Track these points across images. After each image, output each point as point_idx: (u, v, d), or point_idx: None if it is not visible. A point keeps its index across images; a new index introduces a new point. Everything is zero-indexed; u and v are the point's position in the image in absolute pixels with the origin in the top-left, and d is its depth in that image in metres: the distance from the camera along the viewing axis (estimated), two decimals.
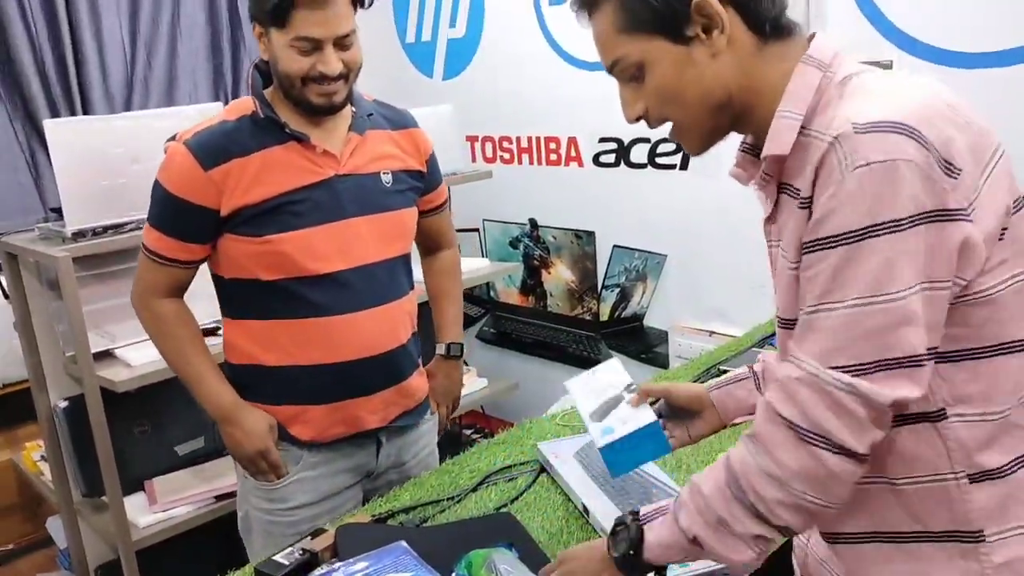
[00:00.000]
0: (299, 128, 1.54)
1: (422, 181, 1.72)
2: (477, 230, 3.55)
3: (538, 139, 3.25)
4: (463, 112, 3.17)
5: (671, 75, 0.94)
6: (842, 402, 0.82)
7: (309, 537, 1.42)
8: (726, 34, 0.91)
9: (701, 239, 2.82)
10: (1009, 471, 0.89)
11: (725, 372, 1.97)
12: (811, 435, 0.84)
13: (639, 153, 2.95)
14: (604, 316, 3.23)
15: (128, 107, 3.34)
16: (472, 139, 3.45)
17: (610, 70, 0.99)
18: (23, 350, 2.32)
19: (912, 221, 0.80)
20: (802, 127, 0.90)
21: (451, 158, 2.89)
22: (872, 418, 0.83)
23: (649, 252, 3.01)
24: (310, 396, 1.59)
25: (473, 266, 3.02)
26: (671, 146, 2.85)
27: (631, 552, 1.00)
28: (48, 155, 3.01)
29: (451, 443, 3.06)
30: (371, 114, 1.64)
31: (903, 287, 0.80)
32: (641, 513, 1.03)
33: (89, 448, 2.09)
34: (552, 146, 3.21)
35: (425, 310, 1.87)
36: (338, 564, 1.32)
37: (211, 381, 1.60)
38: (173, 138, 1.57)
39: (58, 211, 2.22)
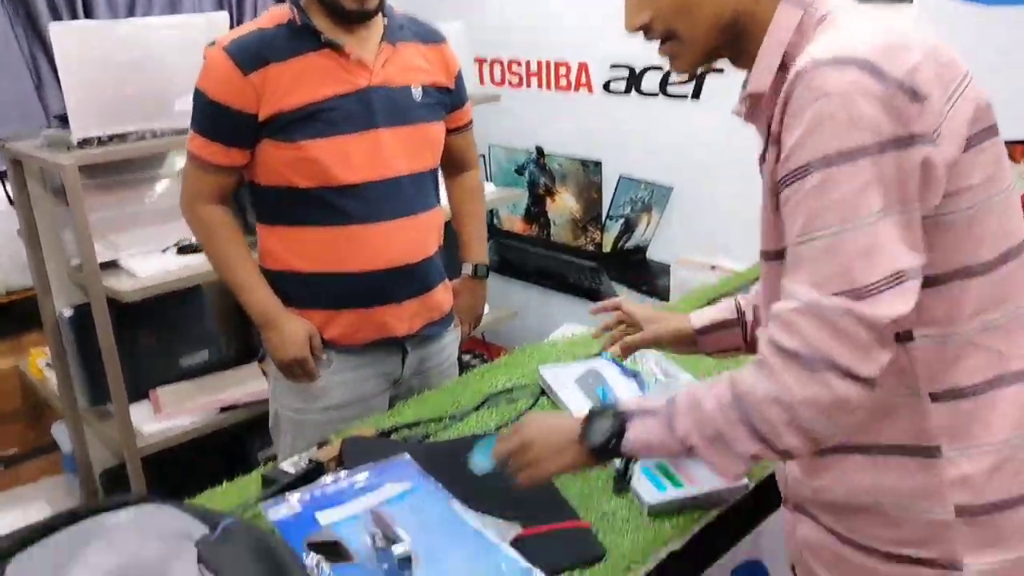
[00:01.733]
0: (334, 36, 1.58)
1: (449, 98, 1.76)
2: (483, 155, 3.52)
3: (548, 63, 3.20)
4: (473, 32, 3.11)
5: None
6: (842, 327, 0.84)
7: (315, 447, 1.45)
8: None
9: (708, 172, 2.80)
10: (975, 392, 0.93)
11: None
12: (818, 362, 0.85)
13: (651, 81, 2.90)
14: (607, 247, 3.23)
15: (131, 13, 3.27)
16: (481, 61, 3.39)
17: None
18: (28, 257, 2.33)
19: (877, 148, 0.83)
20: (782, 64, 0.93)
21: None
22: (875, 340, 0.85)
23: (655, 184, 2.99)
24: (341, 302, 1.67)
25: None
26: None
27: (609, 444, 1.02)
28: (50, 61, 2.99)
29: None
30: (402, 26, 1.67)
31: (877, 209, 0.83)
32: (623, 408, 1.04)
33: (95, 357, 2.11)
34: (562, 71, 3.16)
35: (447, 231, 1.90)
36: (343, 473, 1.35)
37: (256, 287, 1.68)
38: (212, 44, 1.59)
39: (62, 118, 2.20)
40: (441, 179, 1.88)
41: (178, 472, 2.05)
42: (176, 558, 1.07)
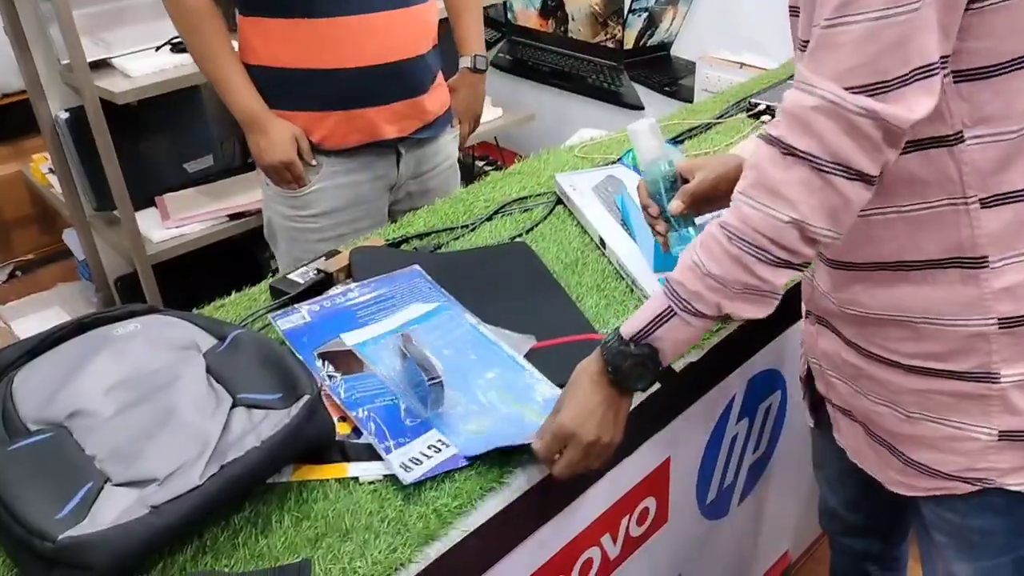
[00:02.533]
0: None
1: None
2: None
3: None
4: None
5: None
6: (860, 127, 0.77)
7: (324, 257, 1.41)
8: None
9: None
10: None
11: (756, 105, 1.87)
12: (830, 165, 0.79)
13: None
14: (628, 44, 3.04)
15: None
16: None
17: None
18: (16, 57, 2.20)
19: None
20: None
21: None
22: (887, 140, 0.79)
23: None
24: (326, 103, 1.59)
25: None
26: None
27: (655, 374, 0.95)
28: None
29: (464, 174, 3.02)
30: None
31: None
32: (631, 333, 0.94)
33: (95, 161, 2.04)
34: None
35: (444, 27, 1.77)
36: (353, 285, 1.32)
37: (239, 84, 1.59)
38: None
39: None
40: None
41: (190, 281, 2.04)
42: (184, 368, 1.05)
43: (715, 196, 1.14)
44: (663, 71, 2.98)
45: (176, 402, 1.00)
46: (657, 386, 1.08)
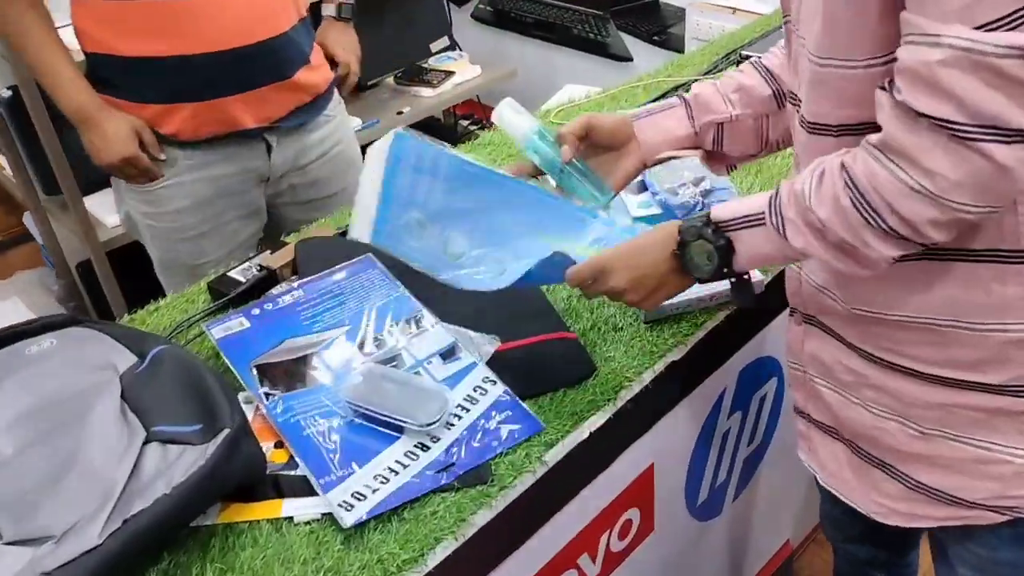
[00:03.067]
0: None
1: None
2: None
3: None
4: None
5: None
6: (1009, 73, 0.61)
7: (269, 252, 1.28)
8: None
9: None
10: None
11: (747, 58, 1.71)
12: (976, 130, 0.64)
13: None
14: None
15: None
16: None
17: None
18: None
19: None
20: None
21: None
22: None
23: None
24: (175, 93, 1.40)
25: None
26: None
27: (721, 270, 0.86)
28: None
29: (447, 137, 2.86)
30: None
31: None
32: (716, 218, 0.85)
33: (37, 143, 1.90)
34: None
35: None
36: (298, 282, 1.19)
37: (65, 78, 1.40)
38: None
39: None
40: None
41: (151, 267, 1.91)
42: (98, 394, 0.93)
43: (613, 144, 1.05)
44: (652, 19, 2.80)
45: (82, 440, 0.88)
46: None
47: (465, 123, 3.34)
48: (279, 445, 0.96)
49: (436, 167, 1.03)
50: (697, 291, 1.10)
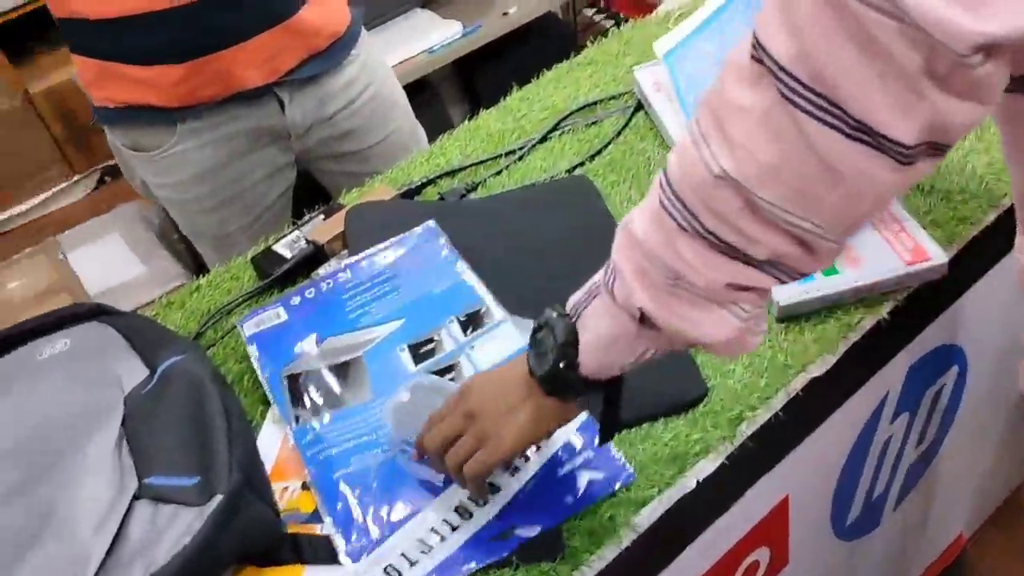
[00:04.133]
0: None
1: None
2: None
3: None
4: None
5: None
6: (877, 35, 0.43)
7: (322, 216, 1.08)
8: None
9: None
10: None
11: None
12: (805, 91, 0.46)
13: None
14: None
15: None
16: None
17: None
18: None
19: None
20: None
21: None
22: (938, 75, 0.43)
23: None
24: (159, 53, 1.13)
25: None
26: None
27: (560, 365, 0.62)
28: None
29: (566, 38, 2.54)
30: None
31: None
32: (570, 305, 0.65)
33: None
34: None
35: None
36: (348, 260, 0.99)
37: None
38: None
39: None
40: None
41: None
42: (97, 424, 0.79)
43: None
44: None
45: (66, 488, 0.73)
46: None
47: (590, 13, 3.00)
48: (307, 486, 0.78)
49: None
50: (850, 279, 0.82)
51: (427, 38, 2.18)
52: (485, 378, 0.71)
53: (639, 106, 1.16)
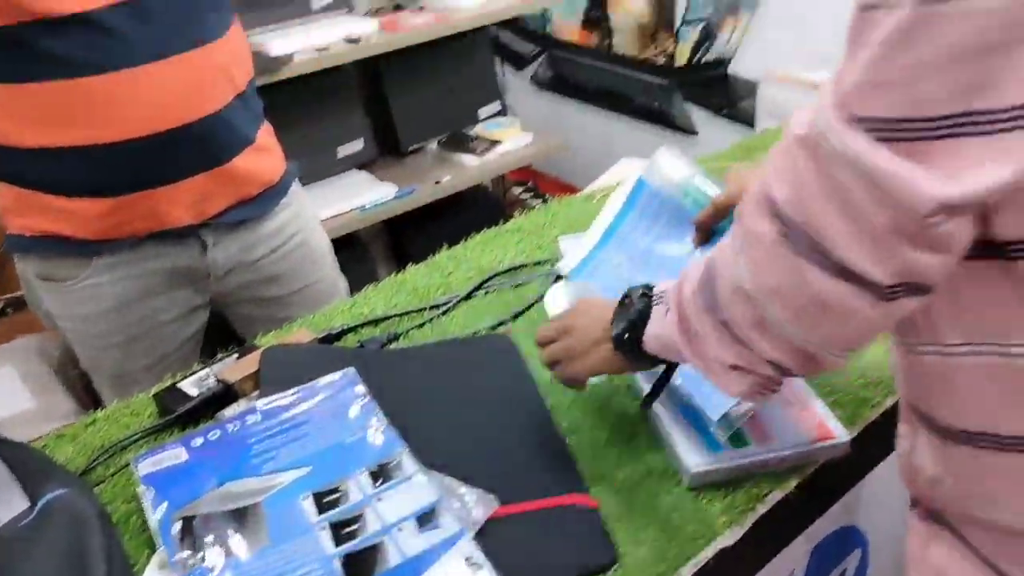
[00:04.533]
0: None
1: None
2: None
3: None
4: None
5: None
6: (852, 193, 0.50)
7: (235, 356, 1.06)
8: None
9: None
10: None
11: None
12: (800, 234, 0.54)
13: None
14: (681, 60, 2.64)
15: None
16: None
17: None
18: None
19: None
20: None
21: None
22: (907, 232, 0.49)
23: None
24: (90, 186, 1.13)
25: None
26: None
27: (628, 334, 0.77)
28: None
29: (493, 211, 2.64)
30: None
31: None
32: (656, 289, 0.77)
33: None
34: None
35: None
36: (259, 401, 0.96)
37: None
38: None
39: None
40: None
41: None
42: None
43: None
44: (721, 91, 2.57)
45: None
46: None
47: (518, 191, 3.15)
48: None
49: (658, 215, 1.04)
50: (759, 451, 0.84)
51: (361, 196, 2.25)
52: (588, 305, 0.86)
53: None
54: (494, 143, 2.46)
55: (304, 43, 1.98)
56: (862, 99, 0.48)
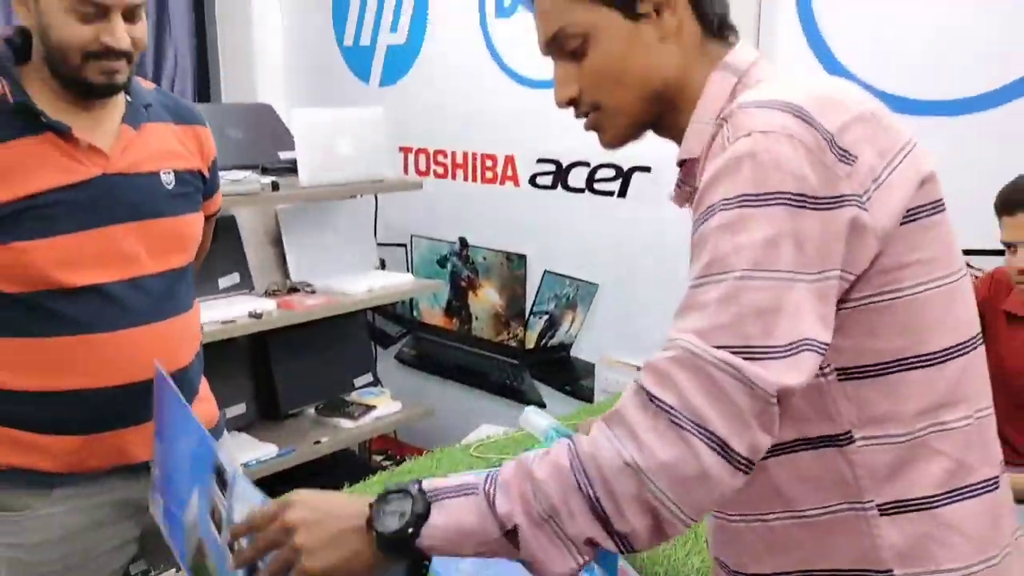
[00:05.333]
0: (59, 116, 1.27)
1: (204, 185, 1.49)
2: (404, 245, 3.40)
3: (474, 155, 3.12)
4: (398, 122, 3.05)
5: (617, 51, 0.87)
6: (724, 387, 0.71)
7: None
8: (676, 17, 0.87)
9: (636, 269, 2.72)
10: (932, 504, 0.81)
11: None
12: (689, 422, 0.71)
13: (577, 177, 2.84)
14: (530, 344, 3.10)
15: None
16: (406, 150, 3.31)
17: (551, 42, 0.90)
18: None
19: (798, 199, 0.74)
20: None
21: (377, 163, 2.76)
22: (756, 412, 0.71)
23: (581, 280, 2.90)
24: (66, 425, 1.32)
25: (397, 281, 2.86)
26: (610, 172, 2.76)
27: (408, 531, 0.76)
28: None
29: (358, 471, 2.87)
30: (149, 105, 1.40)
31: (792, 267, 0.74)
32: (427, 486, 0.78)
33: None
34: (488, 163, 3.09)
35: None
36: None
37: None
38: None
39: None
40: None
41: None
42: None
43: None
44: (564, 371, 3.02)
45: None
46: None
47: (379, 458, 3.38)
48: None
49: None
50: None
51: (241, 456, 2.42)
52: (311, 499, 0.81)
53: None
54: (369, 408, 2.75)
55: (212, 316, 2.27)
56: (714, 335, 0.72)
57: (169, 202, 1.38)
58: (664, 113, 0.90)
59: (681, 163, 0.90)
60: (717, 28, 0.89)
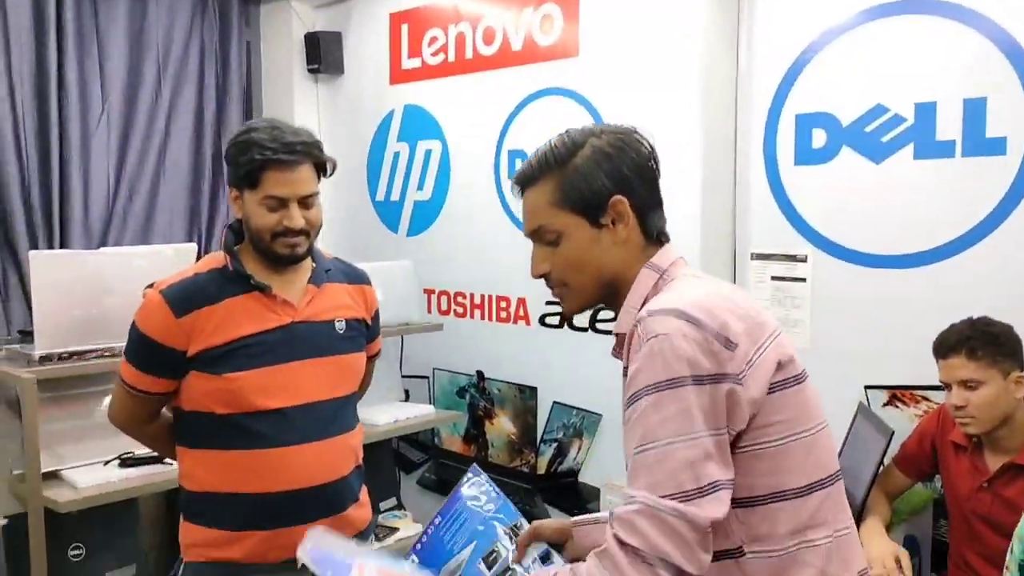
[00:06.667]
0: (263, 279, 1.71)
1: (368, 331, 1.90)
2: (427, 378, 3.70)
3: (490, 297, 3.46)
4: (423, 266, 3.41)
5: (582, 248, 1.18)
6: (674, 526, 0.98)
7: None
8: (627, 229, 1.18)
9: None
10: None
11: None
12: (652, 558, 0.98)
13: (581, 318, 3.15)
14: (541, 469, 3.34)
15: (105, 237, 3.43)
16: (429, 291, 3.66)
17: (533, 232, 1.23)
18: None
19: (696, 379, 1.02)
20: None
21: (407, 309, 3.10)
22: (698, 541, 0.99)
23: (586, 410, 3.17)
24: (252, 522, 1.70)
25: (420, 412, 3.15)
26: (610, 313, 3.06)
27: None
28: (20, 279, 3.15)
29: None
30: (329, 269, 1.84)
31: (699, 430, 1.01)
32: None
33: (25, 568, 2.11)
34: (503, 304, 3.42)
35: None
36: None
37: None
38: (151, 286, 1.76)
39: (26, 333, 2.33)
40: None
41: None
42: None
43: (558, 540, 1.38)
44: (572, 495, 3.24)
45: None
46: None
47: None
48: None
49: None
50: None
51: None
52: None
53: None
54: (392, 530, 2.99)
55: None
56: (659, 488, 0.98)
57: (340, 343, 1.78)
58: (610, 296, 1.21)
59: (618, 333, 1.21)
60: (656, 236, 1.21)
